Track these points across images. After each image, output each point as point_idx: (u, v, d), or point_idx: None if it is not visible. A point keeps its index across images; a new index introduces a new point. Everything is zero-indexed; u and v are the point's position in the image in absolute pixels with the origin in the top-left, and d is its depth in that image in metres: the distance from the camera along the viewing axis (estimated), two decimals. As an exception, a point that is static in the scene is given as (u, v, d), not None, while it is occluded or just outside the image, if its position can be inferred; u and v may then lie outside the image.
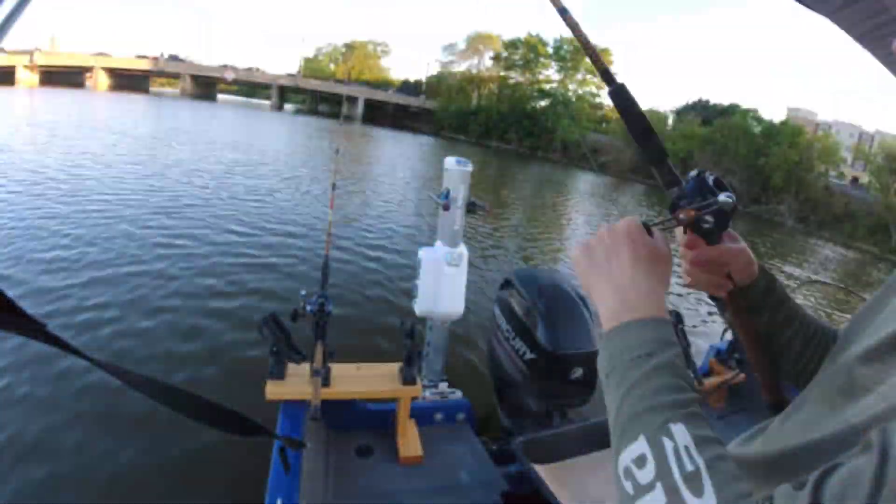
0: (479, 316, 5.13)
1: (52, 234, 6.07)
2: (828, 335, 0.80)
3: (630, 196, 26.04)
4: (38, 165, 9.81)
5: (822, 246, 24.11)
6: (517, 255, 9.22)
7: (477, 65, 63.50)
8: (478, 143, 50.19)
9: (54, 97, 30.98)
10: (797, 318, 0.80)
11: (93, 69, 52.56)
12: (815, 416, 0.57)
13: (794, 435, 0.58)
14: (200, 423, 0.65)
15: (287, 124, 36.97)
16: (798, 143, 33.60)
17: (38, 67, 46.98)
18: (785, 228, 28.09)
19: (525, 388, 2.46)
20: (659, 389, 0.50)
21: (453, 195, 2.69)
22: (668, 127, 45.07)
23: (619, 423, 0.51)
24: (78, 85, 51.11)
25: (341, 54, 78.91)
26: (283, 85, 61.11)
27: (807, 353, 0.79)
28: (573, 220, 14.99)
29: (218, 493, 2.73)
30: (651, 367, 0.52)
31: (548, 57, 53.98)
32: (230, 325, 4.53)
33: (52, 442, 2.89)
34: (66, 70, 51.01)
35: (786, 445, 0.58)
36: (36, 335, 0.44)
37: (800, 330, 0.79)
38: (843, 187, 34.32)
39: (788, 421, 0.63)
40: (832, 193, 31.63)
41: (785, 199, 31.57)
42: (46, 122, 17.18)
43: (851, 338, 0.63)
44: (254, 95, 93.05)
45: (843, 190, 33.07)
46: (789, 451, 0.57)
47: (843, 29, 1.00)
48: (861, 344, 0.57)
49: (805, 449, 0.54)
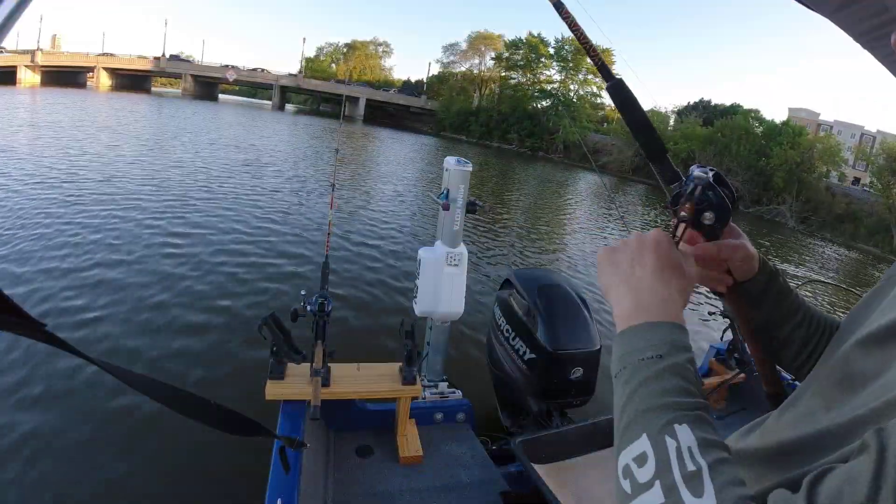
0: (479, 316, 5.13)
1: (52, 233, 6.09)
2: (833, 329, 0.79)
3: (631, 196, 26.05)
4: (39, 165, 9.82)
5: (824, 246, 24.12)
6: (518, 254, 9.22)
7: (478, 65, 63.76)
8: (479, 143, 50.28)
9: (56, 97, 30.99)
10: (800, 311, 0.79)
11: (94, 69, 52.59)
12: (812, 409, 0.57)
13: (791, 428, 0.58)
14: (200, 423, 0.65)
15: (288, 124, 36.96)
16: (799, 144, 33.63)
17: (39, 67, 47.03)
18: (786, 229, 28.10)
19: (525, 388, 2.46)
20: (667, 390, 0.49)
21: (453, 195, 2.69)
22: (670, 127, 45.11)
23: (623, 422, 0.51)
24: (80, 85, 51.12)
25: (343, 54, 79.02)
26: (285, 85, 61.18)
27: (809, 346, 0.79)
28: (575, 220, 14.97)
29: (218, 492, 2.74)
30: (661, 368, 0.51)
31: (549, 57, 54.05)
32: (230, 324, 4.53)
33: (52, 442, 2.89)
34: (68, 70, 51.10)
35: (781, 439, 0.57)
36: (36, 335, 0.44)
37: (802, 323, 0.79)
38: (845, 188, 34.33)
39: (786, 414, 0.63)
40: (833, 194, 31.65)
41: (786, 199, 31.57)
42: (48, 122, 17.19)
43: (850, 328, 0.63)
44: (255, 96, 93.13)
45: (845, 191, 33.07)
46: (785, 445, 0.56)
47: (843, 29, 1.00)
48: (859, 333, 0.57)
49: (800, 444, 0.54)
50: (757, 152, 34.32)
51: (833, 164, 34.67)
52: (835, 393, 0.55)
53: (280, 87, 60.47)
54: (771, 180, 32.87)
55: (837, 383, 0.55)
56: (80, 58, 53.31)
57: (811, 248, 22.09)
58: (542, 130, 49.25)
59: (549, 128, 48.53)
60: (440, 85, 64.00)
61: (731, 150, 35.12)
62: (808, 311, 0.80)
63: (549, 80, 54.60)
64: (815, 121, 50.66)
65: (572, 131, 45.56)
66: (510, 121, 51.76)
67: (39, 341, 0.45)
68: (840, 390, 0.54)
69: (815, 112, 53.08)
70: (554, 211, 16.19)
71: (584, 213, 16.60)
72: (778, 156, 32.81)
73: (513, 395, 2.70)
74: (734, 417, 3.14)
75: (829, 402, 0.55)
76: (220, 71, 58.78)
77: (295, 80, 61.44)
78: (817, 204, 30.75)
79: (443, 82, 64.08)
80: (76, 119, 19.43)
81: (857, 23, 0.92)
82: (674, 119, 48.77)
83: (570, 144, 45.35)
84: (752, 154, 34.39)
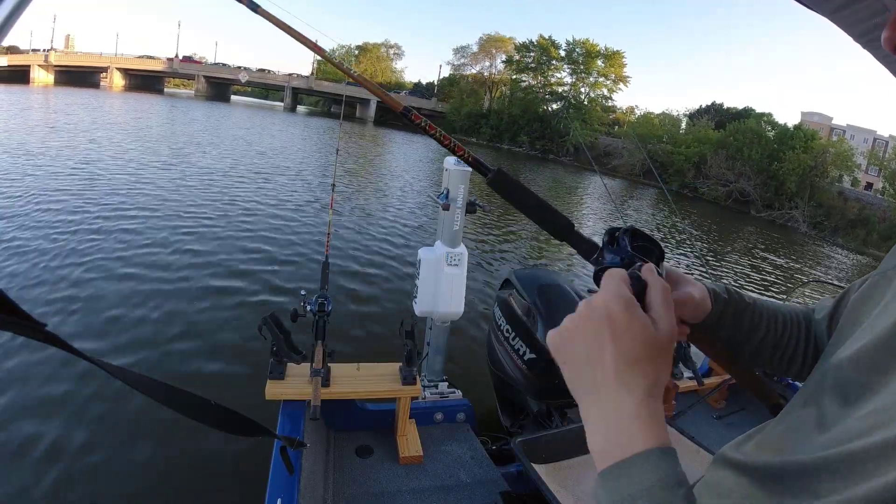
0: (479, 316, 5.13)
1: (54, 233, 6.16)
2: (799, 318, 0.79)
3: (640, 200, 25.95)
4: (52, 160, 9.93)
5: (836, 251, 23.93)
6: (524, 256, 9.22)
7: (489, 67, 63.74)
8: (489, 145, 50.27)
9: (69, 97, 31.31)
10: (763, 318, 0.77)
11: (108, 69, 53.09)
12: (804, 422, 0.55)
13: (782, 444, 0.56)
14: (201, 423, 0.65)
15: (299, 125, 37.12)
16: (812, 148, 33.33)
17: (53, 67, 47.57)
18: (798, 234, 27.89)
19: (525, 387, 2.44)
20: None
21: (453, 195, 2.68)
22: (682, 130, 44.94)
23: None
24: (93, 85, 51.68)
25: (354, 57, 79.22)
26: (297, 87, 61.52)
27: (781, 346, 0.77)
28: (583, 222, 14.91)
29: (218, 492, 2.74)
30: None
31: (560, 60, 53.89)
32: (230, 324, 4.54)
33: (52, 442, 2.91)
34: (82, 70, 51.63)
35: (771, 462, 0.53)
36: (36, 335, 0.44)
37: (770, 328, 0.77)
38: (857, 192, 34.05)
39: (782, 423, 0.61)
40: (846, 199, 31.38)
41: (798, 204, 31.34)
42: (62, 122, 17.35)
43: (845, 333, 0.61)
44: (267, 97, 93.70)
45: (857, 195, 32.81)
46: (774, 469, 0.52)
47: (843, 29, 0.98)
48: (852, 344, 0.55)
49: (784, 472, 0.50)
50: (769, 156, 34.09)
51: (846, 168, 34.39)
52: (826, 404, 0.53)
53: (292, 89, 60.82)
54: (783, 185, 32.64)
55: (830, 397, 0.53)
56: (94, 58, 53.97)
57: (823, 253, 21.93)
58: (553, 133, 49.18)
59: (559, 130, 48.47)
60: (451, 87, 64.08)
61: (744, 154, 34.90)
62: (772, 316, 0.77)
63: (559, 83, 54.50)
64: (828, 125, 50.28)
65: (583, 133, 45.44)
66: (520, 123, 51.68)
67: (40, 341, 0.45)
68: (831, 401, 0.52)
69: (827, 116, 52.69)
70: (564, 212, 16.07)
71: (594, 215, 16.53)
72: (791, 160, 32.57)
73: (513, 395, 2.69)
74: (734, 417, 3.14)
75: (820, 415, 0.53)
76: (233, 72, 59.14)
77: (306, 81, 61.72)
78: (829, 209, 30.49)
79: (453, 85, 64.16)
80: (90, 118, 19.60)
81: (857, 23, 0.91)
82: (685, 122, 48.59)
83: (580, 147, 45.25)
84: (764, 158, 34.17)
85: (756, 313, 0.77)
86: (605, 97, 53.32)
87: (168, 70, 57.70)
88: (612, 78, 52.41)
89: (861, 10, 0.85)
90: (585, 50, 51.90)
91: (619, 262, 0.61)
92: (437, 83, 68.33)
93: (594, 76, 52.30)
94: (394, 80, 77.76)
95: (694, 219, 22.56)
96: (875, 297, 0.60)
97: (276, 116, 45.01)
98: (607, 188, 3.90)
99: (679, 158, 38.25)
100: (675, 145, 40.07)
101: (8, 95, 26.37)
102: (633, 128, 45.33)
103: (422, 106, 61.68)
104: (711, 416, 3.14)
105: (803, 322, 0.79)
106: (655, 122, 46.48)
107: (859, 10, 0.85)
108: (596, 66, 51.67)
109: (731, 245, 16.83)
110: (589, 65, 51.78)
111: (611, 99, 53.67)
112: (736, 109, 48.17)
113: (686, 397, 2.99)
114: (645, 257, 0.60)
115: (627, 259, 0.61)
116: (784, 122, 38.62)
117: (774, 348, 0.77)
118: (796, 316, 0.79)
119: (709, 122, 43.47)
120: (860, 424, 0.44)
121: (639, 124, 46.53)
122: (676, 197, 33.27)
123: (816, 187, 31.87)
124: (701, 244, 15.41)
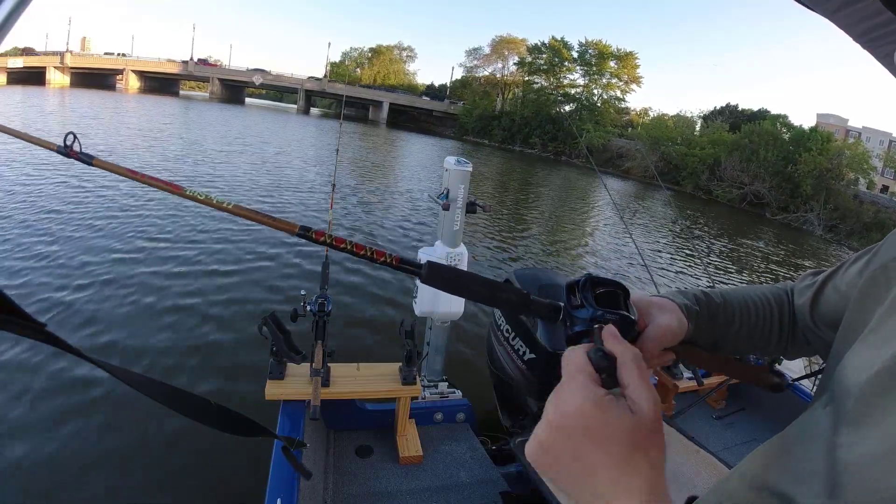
0: (479, 316, 5.12)
1: (53, 231, 6.26)
2: (769, 299, 0.79)
3: (652, 201, 25.74)
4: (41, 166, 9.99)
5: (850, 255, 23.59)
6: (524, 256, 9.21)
7: (501, 69, 63.76)
8: (501, 147, 50.19)
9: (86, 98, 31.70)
10: (735, 311, 0.77)
11: (124, 71, 53.67)
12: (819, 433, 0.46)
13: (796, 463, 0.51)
14: (200, 423, 0.65)
15: (312, 127, 37.31)
16: (827, 150, 32.89)
17: (69, 69, 48.14)
18: (814, 237, 27.55)
19: (525, 388, 2.42)
20: None
21: (453, 195, 2.68)
22: (696, 132, 44.60)
23: None
24: (109, 87, 52.26)
25: (367, 59, 79.49)
26: (310, 89, 61.92)
27: (756, 331, 0.78)
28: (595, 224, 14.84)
29: (218, 492, 2.76)
30: None
31: (572, 61, 53.77)
32: (230, 324, 4.57)
33: (51, 443, 2.93)
34: (97, 72, 52.22)
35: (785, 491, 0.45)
36: (36, 335, 0.44)
37: (743, 319, 0.77)
38: (873, 196, 33.59)
39: (800, 431, 0.51)
40: (861, 202, 30.95)
41: (814, 207, 30.96)
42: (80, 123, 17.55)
43: (854, 329, 0.53)
44: (281, 100, 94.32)
45: (873, 198, 32.36)
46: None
47: (843, 29, 0.97)
48: (865, 353, 0.47)
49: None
50: (784, 158, 33.68)
51: (862, 171, 33.92)
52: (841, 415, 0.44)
53: (305, 91, 61.21)
54: (798, 187, 32.21)
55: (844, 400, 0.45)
56: (110, 60, 54.57)
57: (838, 257, 21.64)
58: (565, 135, 48.98)
59: (571, 132, 48.35)
60: (463, 89, 64.21)
61: (759, 156, 34.52)
62: (743, 306, 0.77)
63: (572, 84, 54.40)
64: (844, 127, 49.59)
65: (596, 135, 45.23)
66: (532, 125, 51.60)
67: (39, 341, 0.45)
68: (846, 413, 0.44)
69: (843, 118, 52.01)
70: (575, 214, 16.05)
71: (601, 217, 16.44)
72: (807, 162, 32.16)
73: (513, 395, 2.67)
74: (734, 417, 3.12)
75: (835, 428, 0.43)
76: (247, 75, 59.60)
77: (320, 84, 62.09)
78: (845, 212, 30.04)
79: (466, 87, 64.26)
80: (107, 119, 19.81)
81: (857, 23, 0.90)
82: (700, 124, 48.23)
83: (593, 149, 45.10)
84: (779, 160, 33.76)
85: (728, 310, 0.76)
86: (617, 98, 53.22)
87: (183, 73, 58.26)
88: (624, 79, 52.24)
89: (861, 10, 0.84)
90: (598, 51, 51.81)
91: (588, 321, 0.57)
92: (449, 85, 68.44)
93: (606, 77, 52.16)
94: (406, 82, 77.98)
95: (706, 221, 22.31)
96: (880, 293, 0.53)
97: (290, 118, 45.23)
98: (611, 196, 3.88)
99: (693, 160, 37.92)
100: (689, 147, 39.74)
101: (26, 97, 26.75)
102: (647, 130, 45.04)
103: (434, 108, 61.83)
104: (711, 416, 3.13)
105: (774, 304, 0.79)
106: (670, 124, 46.10)
107: (859, 10, 0.84)
108: (608, 67, 51.53)
109: (743, 248, 16.64)
110: (601, 66, 51.67)
111: (623, 100, 53.56)
112: (751, 111, 47.80)
113: (686, 397, 2.97)
114: (611, 306, 0.58)
115: (597, 317, 0.56)
116: (800, 124, 38.17)
117: (749, 336, 0.78)
118: (766, 298, 0.79)
119: (723, 124, 43.04)
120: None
121: (653, 126, 46.12)
122: (690, 199, 32.92)
123: (832, 190, 31.41)
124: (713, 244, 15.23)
